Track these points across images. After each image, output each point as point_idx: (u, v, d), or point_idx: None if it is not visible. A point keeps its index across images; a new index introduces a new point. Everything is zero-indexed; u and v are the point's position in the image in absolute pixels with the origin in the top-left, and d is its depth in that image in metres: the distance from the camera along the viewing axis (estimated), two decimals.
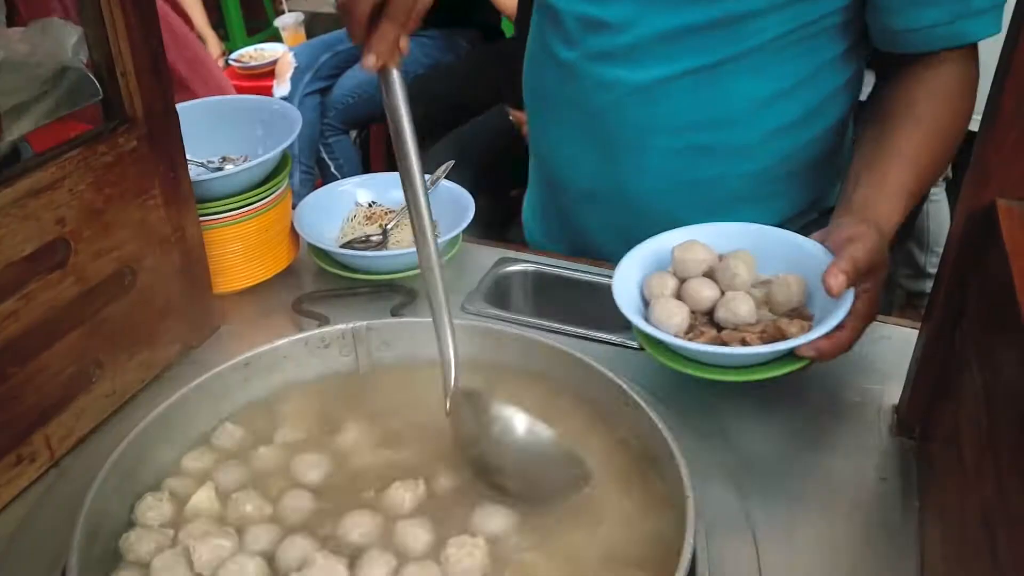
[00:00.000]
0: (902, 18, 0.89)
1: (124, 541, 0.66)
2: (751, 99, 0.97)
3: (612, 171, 1.05)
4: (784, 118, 0.99)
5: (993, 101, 0.63)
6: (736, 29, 0.92)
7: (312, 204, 1.07)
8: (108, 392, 0.82)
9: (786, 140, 1.00)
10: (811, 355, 0.73)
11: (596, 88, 1.01)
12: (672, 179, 1.03)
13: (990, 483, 0.52)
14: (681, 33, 0.93)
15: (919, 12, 0.88)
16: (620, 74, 0.98)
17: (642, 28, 0.95)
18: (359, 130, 2.92)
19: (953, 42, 0.88)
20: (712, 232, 0.84)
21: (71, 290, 0.76)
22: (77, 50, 0.81)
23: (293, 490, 0.71)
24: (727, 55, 0.94)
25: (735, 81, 0.96)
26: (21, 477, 0.75)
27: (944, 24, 0.87)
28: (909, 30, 0.89)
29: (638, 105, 0.99)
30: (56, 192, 0.73)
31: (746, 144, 1.00)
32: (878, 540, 0.69)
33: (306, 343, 0.82)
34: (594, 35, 0.98)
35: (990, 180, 0.64)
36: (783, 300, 0.78)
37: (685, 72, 0.96)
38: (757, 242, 0.83)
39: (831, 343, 0.73)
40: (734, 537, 0.69)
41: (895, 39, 0.92)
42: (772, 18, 0.91)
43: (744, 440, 0.79)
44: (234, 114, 1.09)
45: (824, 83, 0.99)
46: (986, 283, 0.64)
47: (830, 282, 0.71)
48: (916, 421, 0.77)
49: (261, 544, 0.66)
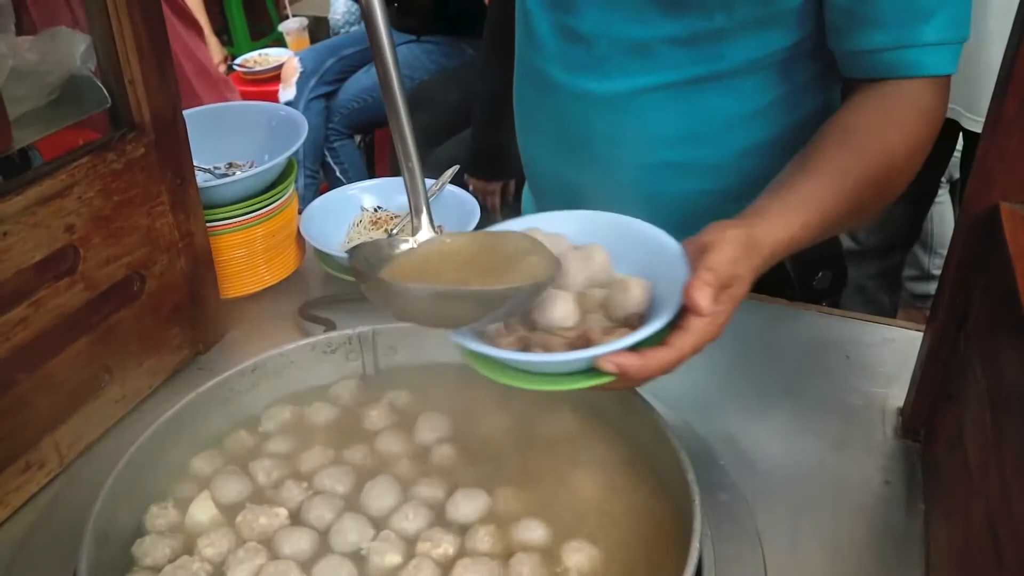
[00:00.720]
0: (849, 40, 0.86)
1: (138, 547, 0.67)
2: (723, 117, 0.96)
3: (586, 183, 1.04)
4: (757, 138, 0.97)
5: (996, 105, 0.63)
6: (705, 47, 0.91)
7: (318, 209, 1.08)
8: (117, 398, 0.83)
9: (759, 160, 0.97)
10: (610, 369, 0.59)
11: (568, 99, 1.00)
12: (642, 194, 1.00)
13: (995, 487, 0.52)
14: (649, 46, 0.92)
15: (865, 35, 0.84)
16: (590, 85, 0.97)
17: (609, 39, 0.94)
18: (364, 134, 2.93)
19: (901, 71, 0.83)
20: (570, 220, 0.73)
21: (80, 297, 0.77)
22: (86, 58, 0.81)
23: (314, 497, 0.71)
24: (697, 73, 0.92)
25: (707, 99, 0.94)
26: (30, 483, 0.76)
27: (890, 50, 0.83)
28: (857, 52, 0.86)
29: (607, 117, 0.98)
30: (65, 199, 0.74)
31: (718, 162, 0.98)
32: (883, 543, 0.70)
33: (313, 348, 0.82)
34: (566, 45, 0.98)
35: (993, 184, 0.64)
36: (618, 305, 0.66)
37: (655, 87, 0.94)
38: (615, 235, 0.72)
39: (641, 361, 0.59)
40: (739, 540, 0.69)
41: (846, 63, 0.89)
42: (740, 40, 0.90)
43: (748, 442, 0.79)
44: (241, 120, 1.10)
45: (799, 105, 0.96)
46: (990, 286, 0.64)
47: (696, 299, 0.60)
48: (920, 424, 0.78)
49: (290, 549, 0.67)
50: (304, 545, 0.67)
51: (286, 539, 0.67)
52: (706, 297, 0.59)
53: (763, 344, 0.91)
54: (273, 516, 0.69)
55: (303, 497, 0.71)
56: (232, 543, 0.67)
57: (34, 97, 0.80)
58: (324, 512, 0.69)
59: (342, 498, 0.71)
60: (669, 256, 0.67)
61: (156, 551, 0.66)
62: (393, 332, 0.84)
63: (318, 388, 0.83)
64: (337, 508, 0.70)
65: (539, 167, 1.13)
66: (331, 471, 0.74)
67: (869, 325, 0.94)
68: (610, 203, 1.02)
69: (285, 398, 0.82)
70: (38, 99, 0.80)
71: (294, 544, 0.67)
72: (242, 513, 0.69)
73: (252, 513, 0.69)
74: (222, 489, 0.72)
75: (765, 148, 0.97)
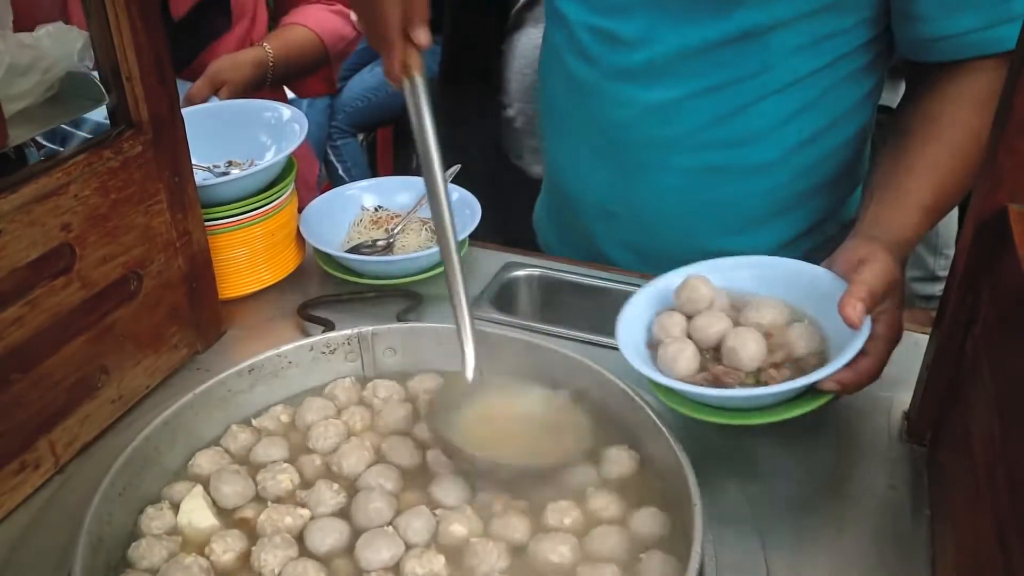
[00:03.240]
0: (936, 26, 0.85)
1: (135, 550, 0.66)
2: (771, 116, 0.94)
3: (627, 189, 1.03)
4: (804, 133, 0.96)
5: (1005, 105, 0.62)
6: (754, 44, 0.89)
7: (318, 208, 1.07)
8: (113, 398, 0.82)
9: (806, 155, 0.97)
10: (833, 389, 0.69)
11: (612, 105, 0.98)
12: (689, 199, 1.00)
13: (1004, 494, 0.51)
14: (699, 50, 0.91)
15: (954, 19, 0.83)
16: (636, 92, 0.96)
17: (658, 45, 0.92)
18: (367, 133, 2.93)
19: (985, 49, 0.84)
20: (710, 267, 0.79)
21: (76, 296, 0.76)
22: (83, 55, 0.81)
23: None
24: (746, 72, 0.91)
25: (755, 99, 0.93)
26: (25, 484, 0.75)
27: (978, 30, 0.83)
28: (941, 38, 0.85)
29: (655, 124, 0.97)
30: (61, 197, 0.73)
31: (765, 162, 0.97)
32: (888, 549, 0.69)
33: (311, 348, 0.82)
34: (610, 51, 0.96)
35: (1002, 184, 0.63)
36: (803, 350, 0.72)
37: (703, 90, 0.93)
38: (757, 273, 0.79)
39: (854, 373, 0.69)
40: (742, 545, 0.68)
41: (925, 48, 0.88)
42: (792, 31, 0.88)
43: (752, 446, 0.78)
44: (240, 118, 1.09)
45: (845, 95, 0.95)
46: (998, 288, 0.63)
47: (848, 313, 0.68)
48: (926, 428, 0.77)
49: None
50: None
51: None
52: (858, 311, 0.67)
53: None
54: (297, 516, 0.69)
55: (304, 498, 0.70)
56: (235, 543, 0.67)
57: (31, 93, 0.79)
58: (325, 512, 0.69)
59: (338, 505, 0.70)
60: (817, 280, 0.75)
61: (153, 554, 0.66)
62: (392, 332, 0.83)
63: (317, 389, 0.82)
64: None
65: (571, 174, 1.10)
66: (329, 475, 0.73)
67: None
68: (654, 210, 1.02)
69: (284, 399, 0.81)
70: (35, 96, 0.79)
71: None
72: (265, 512, 0.69)
73: (277, 512, 0.69)
74: (219, 490, 0.71)
75: (813, 142, 0.97)
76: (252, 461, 0.75)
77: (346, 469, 0.73)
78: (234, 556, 0.66)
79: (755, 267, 0.79)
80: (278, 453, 0.75)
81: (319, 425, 0.77)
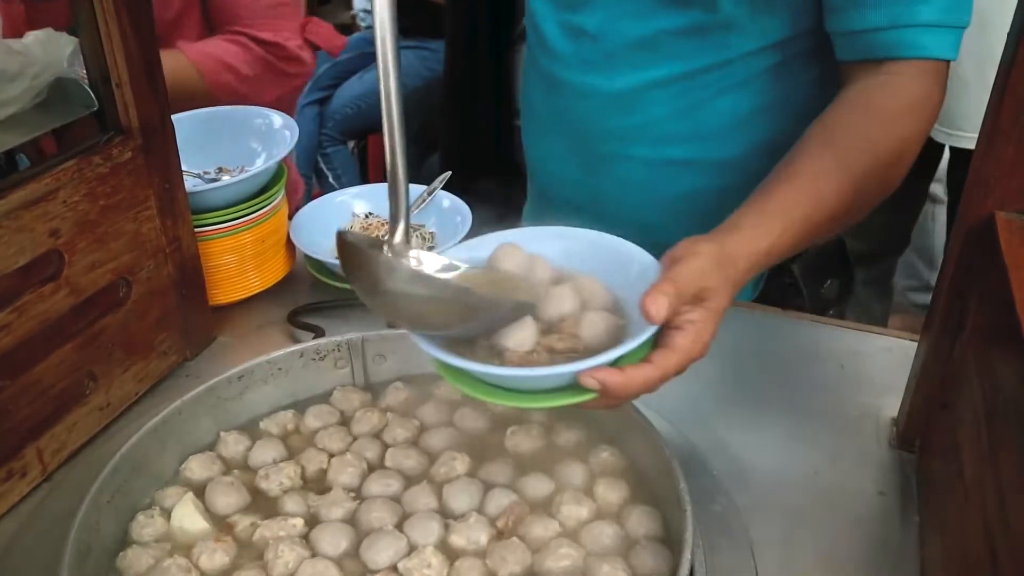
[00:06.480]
0: (845, 18, 0.84)
1: (122, 560, 0.66)
2: (730, 113, 0.96)
3: (593, 183, 1.05)
4: (762, 137, 0.96)
5: (992, 114, 0.62)
6: (711, 38, 0.91)
7: (308, 215, 1.07)
8: (102, 405, 0.82)
9: (766, 159, 0.92)
10: (591, 385, 0.57)
11: (577, 97, 1.01)
12: (651, 192, 1.02)
13: (992, 499, 0.52)
14: (654, 39, 0.93)
15: (860, 13, 0.82)
16: (598, 82, 0.98)
17: (617, 36, 0.95)
18: (357, 140, 2.93)
19: (892, 51, 0.81)
20: (527, 235, 0.69)
21: (65, 302, 0.76)
22: (72, 61, 0.80)
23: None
24: (702, 65, 0.93)
25: (713, 94, 0.95)
26: (12, 492, 0.74)
27: (885, 29, 0.81)
28: (851, 33, 0.84)
29: (616, 114, 0.99)
30: (50, 203, 0.73)
31: (726, 159, 0.98)
32: (877, 555, 0.69)
33: (301, 355, 0.82)
34: (574, 44, 0.99)
35: (989, 193, 0.64)
36: (593, 341, 0.62)
37: (662, 80, 0.95)
38: (593, 253, 0.68)
39: (622, 377, 0.57)
40: (732, 552, 0.68)
41: (840, 45, 0.86)
42: (744, 31, 0.90)
43: (741, 453, 0.78)
44: (230, 125, 1.09)
45: (804, 104, 0.94)
46: (986, 296, 0.63)
47: (648, 307, 0.58)
48: (915, 435, 0.77)
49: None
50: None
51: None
52: (660, 306, 0.57)
53: (757, 353, 0.91)
54: (290, 527, 0.69)
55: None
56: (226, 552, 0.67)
57: (19, 100, 0.78)
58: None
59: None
60: (647, 272, 0.63)
61: (140, 563, 0.65)
62: (382, 340, 0.83)
63: (307, 396, 0.82)
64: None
65: (546, 170, 1.12)
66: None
67: (864, 335, 0.93)
68: (615, 201, 1.02)
69: (273, 406, 0.81)
70: (23, 102, 0.79)
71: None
72: (258, 530, 0.68)
73: (269, 529, 0.68)
74: (211, 497, 0.71)
75: (771, 147, 0.96)
76: (248, 465, 0.75)
77: (346, 478, 0.73)
78: (223, 561, 0.66)
79: (562, 238, 0.70)
80: (275, 456, 0.75)
81: (324, 432, 0.78)
